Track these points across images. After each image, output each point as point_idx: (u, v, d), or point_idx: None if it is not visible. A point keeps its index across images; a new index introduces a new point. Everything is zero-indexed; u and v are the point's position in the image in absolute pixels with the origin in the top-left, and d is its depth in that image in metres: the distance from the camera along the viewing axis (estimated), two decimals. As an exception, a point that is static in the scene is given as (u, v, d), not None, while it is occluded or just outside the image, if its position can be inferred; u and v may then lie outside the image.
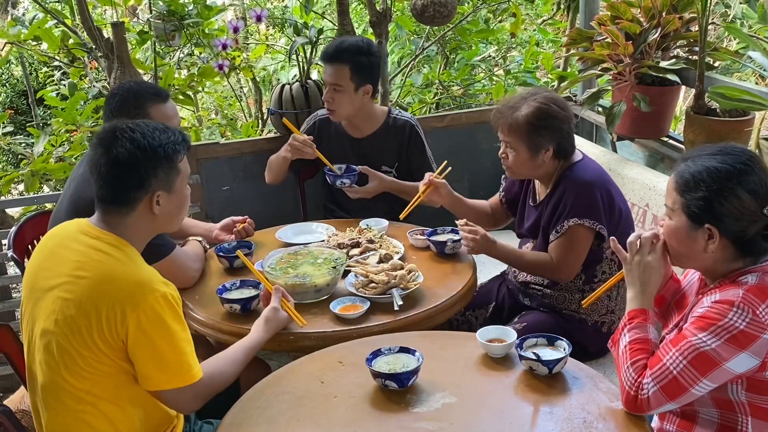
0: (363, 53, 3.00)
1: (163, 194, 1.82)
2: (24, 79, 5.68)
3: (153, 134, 1.79)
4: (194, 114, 5.08)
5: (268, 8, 5.17)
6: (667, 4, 2.82)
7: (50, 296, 1.77)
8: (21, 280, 3.07)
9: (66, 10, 3.95)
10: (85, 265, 1.76)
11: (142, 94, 2.43)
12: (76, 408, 1.77)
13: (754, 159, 1.71)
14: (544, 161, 2.43)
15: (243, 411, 1.81)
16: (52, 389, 1.78)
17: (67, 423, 1.79)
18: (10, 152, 5.30)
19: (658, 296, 1.98)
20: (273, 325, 2.10)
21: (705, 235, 1.70)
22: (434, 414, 1.75)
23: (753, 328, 1.60)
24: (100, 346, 1.72)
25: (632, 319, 1.78)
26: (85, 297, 1.72)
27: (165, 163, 1.80)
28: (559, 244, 2.44)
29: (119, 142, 1.77)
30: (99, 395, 1.76)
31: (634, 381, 1.68)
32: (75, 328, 1.72)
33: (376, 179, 3.06)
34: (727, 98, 2.49)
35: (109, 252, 1.77)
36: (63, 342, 1.74)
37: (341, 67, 2.98)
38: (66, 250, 1.81)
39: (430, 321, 2.24)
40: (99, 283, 1.73)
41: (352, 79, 2.99)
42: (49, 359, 1.77)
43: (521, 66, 5.18)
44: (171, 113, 2.46)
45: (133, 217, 1.82)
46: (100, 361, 1.73)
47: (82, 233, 1.82)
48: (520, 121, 2.40)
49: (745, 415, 1.72)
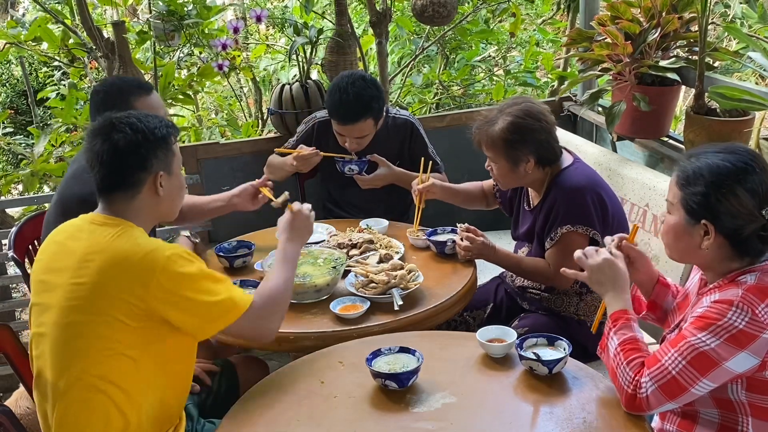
0: (376, 98, 2.97)
1: (165, 175, 1.89)
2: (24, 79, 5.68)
3: (147, 119, 1.89)
4: (194, 114, 5.08)
5: (268, 8, 5.17)
6: (666, 4, 2.82)
7: (63, 285, 1.79)
8: (21, 280, 3.08)
9: (66, 10, 3.95)
10: (94, 248, 1.79)
11: (126, 88, 2.45)
12: (86, 397, 1.77)
13: (757, 159, 1.71)
14: (527, 172, 2.44)
15: (243, 411, 1.81)
16: (63, 381, 1.79)
17: (77, 414, 1.79)
18: (10, 152, 5.30)
19: (650, 302, 2.00)
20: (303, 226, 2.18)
21: (701, 231, 1.70)
22: (434, 414, 1.75)
23: (752, 328, 1.60)
24: (127, 322, 1.74)
25: (616, 321, 1.79)
26: (101, 278, 1.75)
27: (163, 144, 1.88)
28: (555, 252, 2.45)
29: (117, 129, 1.84)
30: (113, 380, 1.77)
31: (632, 380, 1.68)
32: (93, 310, 1.75)
33: (385, 166, 3.07)
34: (727, 98, 2.49)
35: (116, 233, 1.81)
36: (78, 327, 1.76)
37: (366, 122, 2.96)
38: (75, 240, 1.85)
39: (430, 321, 2.24)
40: (112, 263, 1.76)
41: (375, 124, 3.01)
42: (62, 348, 1.78)
43: (521, 66, 5.18)
44: (156, 105, 2.47)
45: (138, 201, 1.87)
46: (121, 340, 1.75)
47: (89, 223, 1.87)
48: (495, 138, 2.41)
49: (745, 415, 1.72)
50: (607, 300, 1.84)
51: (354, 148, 3.04)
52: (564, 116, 3.81)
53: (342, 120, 2.97)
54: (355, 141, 3.01)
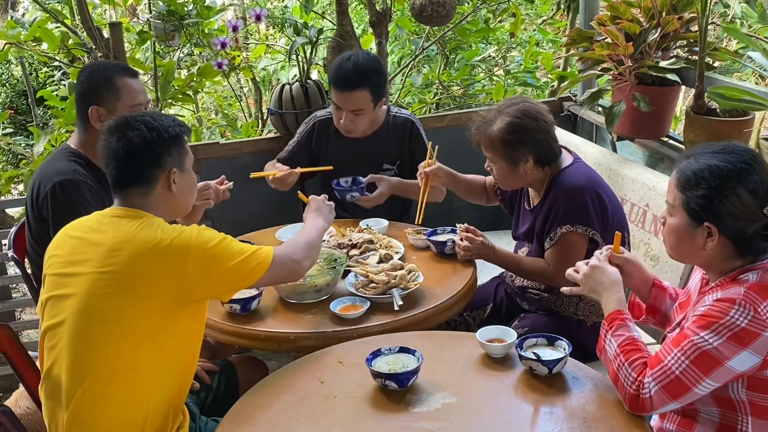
0: (377, 72, 2.96)
1: (178, 172, 1.95)
2: (24, 79, 5.68)
3: (161, 118, 1.96)
4: (194, 114, 5.08)
5: (268, 8, 5.17)
6: (666, 4, 2.82)
7: (87, 275, 1.82)
8: (21, 280, 3.07)
9: (66, 10, 3.95)
10: (122, 239, 1.83)
11: (111, 66, 2.56)
12: (104, 386, 1.79)
13: (756, 158, 1.71)
14: (526, 172, 2.44)
15: (243, 411, 1.81)
16: (82, 369, 1.80)
17: (93, 405, 1.80)
18: (10, 152, 5.30)
19: (648, 306, 2.00)
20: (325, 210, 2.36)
21: (704, 233, 1.70)
22: (434, 414, 1.75)
23: (754, 326, 1.60)
24: (156, 307, 1.80)
25: (611, 322, 1.79)
26: (133, 265, 1.79)
27: (176, 142, 1.95)
28: (554, 252, 2.45)
29: (132, 126, 1.91)
30: (133, 368, 1.79)
31: (635, 380, 1.68)
32: (122, 297, 1.79)
33: (384, 182, 3.04)
34: (727, 98, 2.49)
35: (140, 224, 1.86)
36: (103, 314, 1.79)
37: (362, 92, 2.93)
38: (98, 233, 1.87)
39: (430, 321, 2.24)
40: (144, 249, 1.81)
41: (372, 99, 2.97)
42: (83, 334, 1.80)
43: (521, 66, 5.18)
44: (138, 88, 2.51)
45: (153, 197, 1.93)
46: (145, 327, 1.80)
47: (110, 216, 1.91)
48: (494, 138, 2.41)
49: (745, 414, 1.72)
50: (603, 304, 1.85)
51: (348, 128, 3.01)
52: (564, 116, 3.81)
53: (339, 86, 2.95)
54: (350, 117, 2.97)
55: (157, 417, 1.84)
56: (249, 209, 3.04)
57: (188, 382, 1.98)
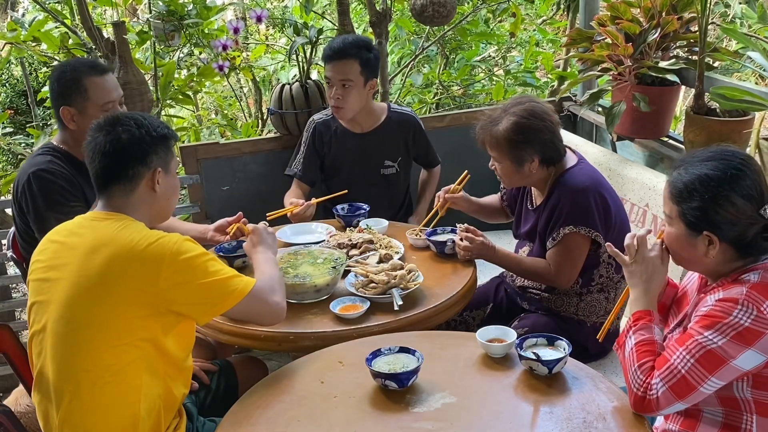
0: (367, 48, 3.02)
1: (162, 173, 1.94)
2: (24, 79, 5.67)
3: (150, 119, 1.97)
4: (194, 114, 5.08)
5: (268, 8, 5.17)
6: (666, 5, 2.82)
7: (67, 279, 1.81)
8: (21, 280, 3.08)
9: (66, 10, 3.95)
10: (100, 241, 1.82)
11: (78, 67, 2.51)
12: (92, 390, 1.78)
13: (746, 162, 1.70)
14: (531, 171, 2.44)
15: (243, 411, 1.80)
16: (67, 375, 1.80)
17: (83, 409, 1.80)
18: (10, 152, 5.30)
19: (659, 304, 1.99)
20: (269, 240, 2.25)
21: (705, 242, 1.71)
22: (434, 414, 1.75)
23: (758, 325, 1.60)
24: (134, 311, 1.78)
25: (637, 320, 1.78)
26: (109, 268, 1.78)
27: (164, 143, 1.95)
28: (556, 252, 2.44)
29: (121, 123, 1.92)
30: (119, 371, 1.78)
31: (642, 383, 1.68)
32: (100, 300, 1.78)
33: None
34: (727, 99, 2.49)
35: (120, 226, 1.85)
36: (83, 318, 1.78)
37: (350, 62, 2.97)
38: (76, 237, 1.87)
39: (430, 321, 2.24)
40: (120, 252, 1.80)
41: (361, 73, 2.99)
42: (64, 341, 1.79)
43: (521, 66, 5.18)
44: (110, 86, 2.50)
45: (135, 196, 1.92)
46: (127, 329, 1.78)
47: (90, 220, 1.90)
48: (499, 138, 2.41)
49: (750, 413, 1.72)
50: (634, 295, 1.83)
51: (337, 103, 3.02)
52: (564, 116, 3.81)
53: (329, 57, 3.00)
54: (339, 87, 2.99)
55: (149, 419, 1.84)
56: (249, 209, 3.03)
57: (182, 384, 1.96)
